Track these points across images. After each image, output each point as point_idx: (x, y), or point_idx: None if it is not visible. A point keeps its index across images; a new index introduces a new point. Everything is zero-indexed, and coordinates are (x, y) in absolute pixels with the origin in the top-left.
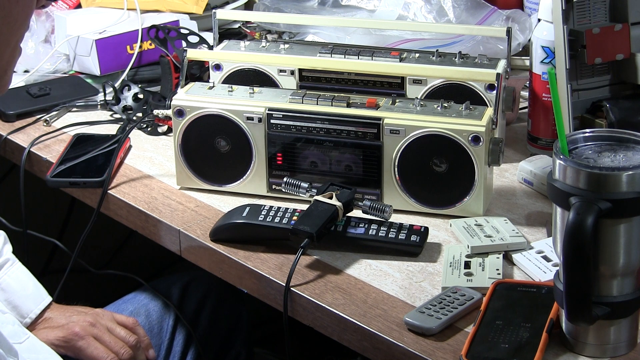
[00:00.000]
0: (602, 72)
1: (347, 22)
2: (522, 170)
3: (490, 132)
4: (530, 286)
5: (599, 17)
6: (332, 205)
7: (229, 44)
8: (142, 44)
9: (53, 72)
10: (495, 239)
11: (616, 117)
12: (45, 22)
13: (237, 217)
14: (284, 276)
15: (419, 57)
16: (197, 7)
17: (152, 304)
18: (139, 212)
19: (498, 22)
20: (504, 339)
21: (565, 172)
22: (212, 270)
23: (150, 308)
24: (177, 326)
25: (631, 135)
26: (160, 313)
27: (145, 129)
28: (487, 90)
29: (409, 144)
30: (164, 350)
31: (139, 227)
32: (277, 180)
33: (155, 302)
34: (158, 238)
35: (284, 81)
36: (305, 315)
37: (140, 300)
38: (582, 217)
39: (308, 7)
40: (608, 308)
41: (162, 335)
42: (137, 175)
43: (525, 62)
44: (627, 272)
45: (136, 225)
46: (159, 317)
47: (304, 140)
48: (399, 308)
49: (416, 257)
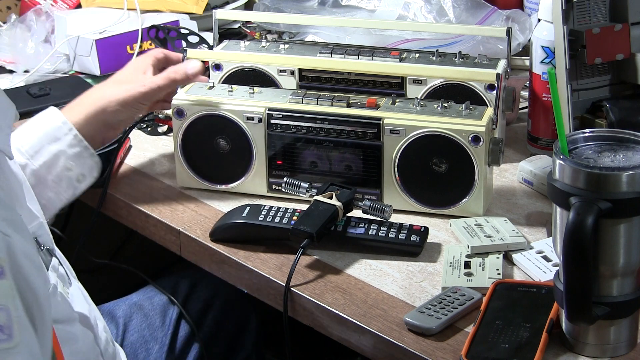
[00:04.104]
0: (602, 72)
1: (347, 22)
2: (522, 170)
3: (490, 132)
4: (530, 286)
5: (599, 17)
6: (332, 205)
7: (229, 44)
8: (142, 44)
9: (53, 72)
10: (495, 239)
11: (616, 117)
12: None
13: (237, 217)
14: (284, 276)
15: (419, 57)
16: (197, 7)
17: (157, 297)
18: (139, 212)
19: (498, 22)
20: (504, 339)
21: (565, 172)
22: (212, 270)
23: (155, 302)
24: (181, 321)
25: (631, 135)
26: (164, 306)
27: (145, 129)
28: (487, 90)
29: (409, 144)
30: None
31: (139, 227)
32: (277, 180)
33: (161, 295)
34: (158, 238)
35: (284, 81)
36: (305, 315)
37: (146, 293)
38: (582, 217)
39: (308, 7)
40: (608, 308)
41: (164, 328)
42: (137, 175)
43: (525, 62)
44: (627, 272)
45: (136, 225)
46: (163, 310)
47: (304, 140)
48: (399, 308)
49: (416, 257)
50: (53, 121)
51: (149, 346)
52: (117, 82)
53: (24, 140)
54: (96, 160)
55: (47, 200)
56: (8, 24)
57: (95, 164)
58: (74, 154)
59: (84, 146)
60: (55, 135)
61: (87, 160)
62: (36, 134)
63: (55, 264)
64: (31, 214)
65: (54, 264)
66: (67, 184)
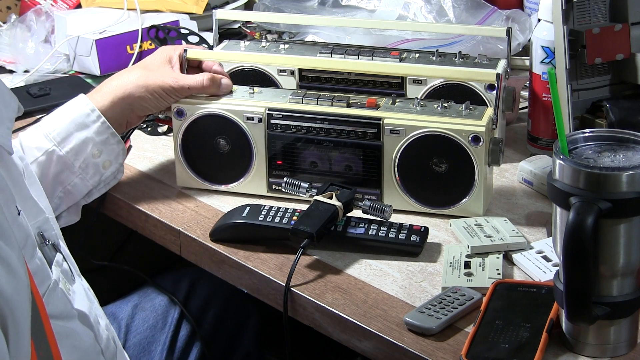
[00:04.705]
0: (602, 72)
1: (347, 22)
2: (522, 170)
3: (490, 132)
4: (530, 286)
5: (599, 17)
6: (332, 205)
7: (229, 44)
8: (142, 44)
9: (53, 72)
10: (495, 239)
11: (616, 117)
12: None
13: (237, 217)
14: (284, 276)
15: (419, 57)
16: (197, 7)
17: (158, 298)
18: (139, 212)
19: (498, 22)
20: (504, 339)
21: (565, 172)
22: (212, 270)
23: (156, 303)
24: (182, 321)
25: (631, 135)
26: (165, 307)
27: (145, 129)
28: (487, 90)
29: (409, 144)
30: (167, 344)
31: (139, 227)
32: (277, 180)
33: (162, 296)
34: (158, 238)
35: (284, 81)
36: (305, 315)
37: (147, 293)
38: (582, 217)
39: (308, 7)
40: (608, 308)
41: (165, 329)
42: (137, 175)
43: (525, 62)
44: (627, 272)
45: (136, 225)
46: (164, 311)
47: (304, 140)
48: (399, 308)
49: (416, 257)
50: (82, 108)
51: (152, 347)
52: (145, 67)
53: (53, 126)
54: (122, 147)
55: (72, 186)
56: (8, 24)
57: (122, 151)
58: (101, 140)
59: (111, 133)
60: (83, 122)
61: (114, 147)
62: (64, 121)
63: (60, 259)
64: (36, 207)
65: (58, 260)
66: (94, 170)
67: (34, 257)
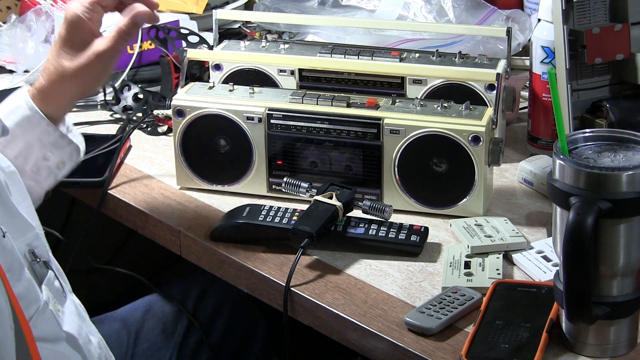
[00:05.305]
0: (602, 72)
1: (347, 22)
2: (522, 170)
3: (490, 132)
4: (530, 286)
5: (599, 17)
6: (332, 205)
7: (229, 44)
8: (142, 44)
9: None
10: (495, 239)
11: (616, 117)
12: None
13: (237, 217)
14: (284, 276)
15: (419, 57)
16: (197, 7)
17: (168, 305)
18: (139, 212)
19: (498, 22)
20: (504, 339)
21: (565, 172)
22: (212, 270)
23: (166, 310)
24: (191, 329)
25: (631, 135)
26: (175, 315)
27: (145, 129)
28: (487, 90)
29: (409, 144)
30: (176, 352)
31: (139, 227)
32: (277, 180)
33: (172, 303)
34: (158, 238)
35: (284, 81)
36: (305, 315)
37: (156, 301)
38: (582, 217)
39: (308, 7)
40: (608, 308)
41: (174, 337)
42: (137, 175)
43: (525, 62)
44: (627, 272)
45: (136, 225)
46: (174, 318)
47: (304, 140)
48: (399, 308)
49: (416, 257)
50: (22, 110)
51: (161, 354)
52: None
53: None
54: (74, 147)
55: (28, 188)
56: (8, 24)
57: (74, 150)
58: (49, 142)
59: (59, 135)
60: (26, 125)
61: (65, 148)
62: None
63: (51, 277)
64: (26, 224)
65: (50, 278)
66: (47, 173)
67: (21, 279)
